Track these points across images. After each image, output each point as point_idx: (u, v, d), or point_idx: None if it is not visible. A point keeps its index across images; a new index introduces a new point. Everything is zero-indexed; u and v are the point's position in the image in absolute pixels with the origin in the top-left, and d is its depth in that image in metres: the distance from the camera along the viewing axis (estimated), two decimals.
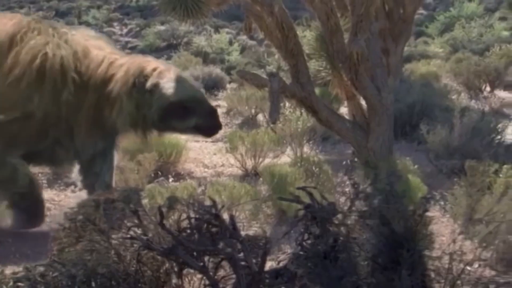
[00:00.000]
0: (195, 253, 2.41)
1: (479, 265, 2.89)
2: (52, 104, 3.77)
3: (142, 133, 3.95)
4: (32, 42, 3.80)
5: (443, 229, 3.29)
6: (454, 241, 2.84)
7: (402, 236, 2.74)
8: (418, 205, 2.91)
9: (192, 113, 3.81)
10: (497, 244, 3.14)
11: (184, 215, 2.54)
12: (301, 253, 2.66)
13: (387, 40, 9.42)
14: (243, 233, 2.77)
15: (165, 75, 3.83)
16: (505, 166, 3.44)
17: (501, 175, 3.38)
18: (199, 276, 2.48)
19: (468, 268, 2.79)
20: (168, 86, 3.76)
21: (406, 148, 6.42)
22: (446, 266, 2.73)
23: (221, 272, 2.47)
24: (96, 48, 4.02)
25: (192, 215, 2.53)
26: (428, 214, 2.97)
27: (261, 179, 4.67)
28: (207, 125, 3.92)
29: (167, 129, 3.97)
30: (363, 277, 2.58)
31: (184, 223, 2.51)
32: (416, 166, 4.58)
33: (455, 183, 3.53)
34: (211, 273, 2.38)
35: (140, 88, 3.74)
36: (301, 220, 2.81)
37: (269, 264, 2.69)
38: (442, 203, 3.74)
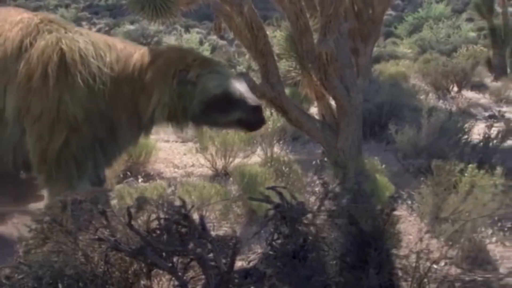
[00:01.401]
0: (164, 254, 2.40)
1: (445, 263, 2.93)
2: (88, 98, 3.51)
3: (179, 126, 3.74)
4: (43, 43, 3.56)
5: (410, 228, 3.33)
6: (421, 240, 2.87)
7: (370, 235, 2.77)
8: (385, 204, 2.95)
9: (235, 106, 3.56)
10: (462, 242, 3.19)
11: (153, 216, 2.53)
12: (271, 252, 2.67)
13: (357, 40, 9.52)
14: (213, 233, 2.77)
15: (207, 66, 3.64)
16: (470, 165, 3.50)
17: (466, 174, 3.44)
18: (168, 276, 2.47)
19: (435, 266, 2.82)
20: (211, 77, 3.55)
21: (375, 148, 6.48)
22: (413, 264, 2.76)
23: (191, 273, 2.46)
24: (119, 41, 3.82)
25: (162, 215, 2.52)
26: (396, 213, 3.00)
27: (231, 179, 4.67)
28: (251, 120, 3.64)
29: (207, 122, 3.75)
30: (332, 276, 2.60)
31: (154, 224, 2.51)
32: (384, 166, 4.62)
33: (422, 183, 3.57)
34: (180, 274, 2.37)
35: (182, 79, 3.53)
36: (271, 220, 2.82)
37: (240, 264, 2.70)
38: (409, 202, 3.79)
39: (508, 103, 10.69)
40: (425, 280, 2.75)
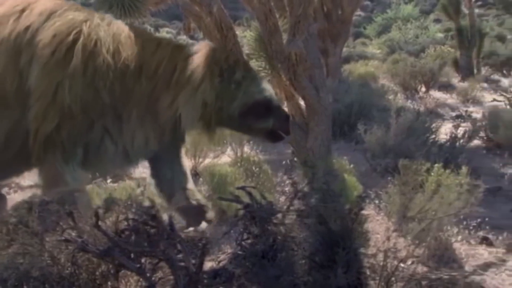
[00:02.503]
0: (132, 255, 2.39)
1: (412, 262, 2.97)
2: (87, 91, 3.31)
3: (210, 129, 3.48)
4: (70, 16, 3.36)
5: (377, 227, 3.36)
6: (388, 239, 2.91)
7: (339, 234, 2.79)
8: (353, 204, 2.97)
9: (271, 114, 3.45)
10: (429, 241, 3.23)
11: (122, 217, 2.51)
12: (240, 252, 2.68)
13: (326, 41, 9.58)
14: (182, 234, 2.76)
15: (251, 69, 3.49)
16: (436, 165, 3.55)
17: (432, 174, 3.49)
18: (136, 277, 2.45)
19: (402, 265, 2.86)
20: (255, 81, 3.42)
21: (345, 147, 6.53)
22: (381, 263, 2.79)
23: (159, 274, 2.45)
24: (144, 34, 3.62)
25: (131, 216, 2.50)
26: (364, 212, 3.03)
27: (201, 179, 4.66)
28: (282, 129, 3.52)
29: (240, 127, 3.55)
30: (300, 276, 2.61)
31: (122, 225, 2.49)
32: (352, 166, 4.66)
33: (389, 182, 3.61)
34: (148, 275, 2.36)
35: (227, 78, 3.35)
36: (240, 219, 2.82)
37: (210, 265, 2.70)
38: (376, 201, 3.82)
39: (474, 103, 10.87)
40: (393, 278, 2.78)
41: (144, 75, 3.37)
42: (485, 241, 3.75)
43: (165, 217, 2.54)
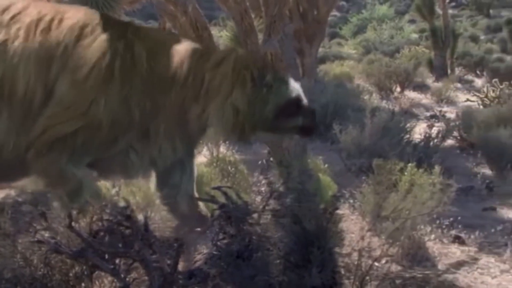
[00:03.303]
0: (106, 256, 2.37)
1: (387, 261, 3.00)
2: (121, 108, 3.28)
3: (244, 135, 3.44)
4: (103, 36, 3.32)
5: (352, 226, 3.38)
6: (362, 238, 2.93)
7: (313, 234, 2.81)
8: (328, 204, 2.99)
9: (300, 111, 3.44)
10: (402, 240, 3.26)
11: (97, 217, 2.50)
12: (215, 253, 2.68)
13: (302, 41, 9.62)
14: (157, 234, 2.75)
15: (278, 70, 3.48)
16: (409, 164, 3.58)
17: (406, 173, 3.52)
18: (111, 278, 2.44)
19: (376, 264, 2.88)
20: (285, 82, 3.41)
21: (320, 147, 6.55)
22: (355, 262, 2.82)
23: (133, 274, 2.44)
24: (177, 42, 3.53)
25: (105, 217, 2.49)
26: (338, 212, 3.05)
27: None
28: (310, 125, 3.52)
29: (271, 128, 3.52)
30: (275, 276, 2.62)
31: (97, 225, 2.48)
32: (327, 165, 4.68)
33: (364, 182, 3.63)
34: (122, 276, 2.35)
35: (259, 82, 3.32)
36: (216, 219, 2.83)
37: (186, 265, 2.69)
38: (351, 201, 3.83)
39: (448, 103, 11.00)
40: (367, 277, 2.80)
41: (174, 89, 3.34)
42: (458, 240, 3.79)
43: (140, 217, 2.54)
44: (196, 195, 3.71)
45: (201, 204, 3.66)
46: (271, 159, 4.92)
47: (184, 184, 3.67)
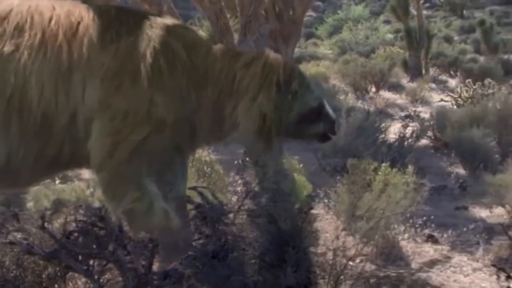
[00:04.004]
0: (80, 257, 2.36)
1: (361, 260, 3.01)
2: (179, 101, 3.20)
3: (270, 141, 3.36)
4: (132, 38, 3.19)
5: (327, 226, 3.39)
6: (337, 237, 2.95)
7: (289, 234, 2.81)
8: (303, 203, 3.00)
9: (321, 119, 3.35)
10: (377, 239, 3.28)
11: (71, 218, 2.48)
12: (191, 253, 2.68)
13: (278, 41, 9.61)
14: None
15: (304, 77, 3.46)
16: (384, 164, 3.61)
17: (380, 173, 3.54)
18: (84, 279, 2.42)
19: (351, 263, 2.90)
20: (309, 89, 3.35)
21: (296, 147, 6.55)
22: (330, 262, 2.83)
23: (107, 275, 2.43)
24: (202, 40, 3.47)
25: (80, 218, 2.47)
26: (313, 211, 3.07)
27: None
28: (330, 131, 3.40)
29: (293, 134, 3.45)
30: (250, 275, 2.63)
31: (71, 226, 2.46)
32: (302, 165, 4.69)
33: (338, 181, 3.65)
34: (96, 277, 2.33)
35: (285, 88, 3.27)
36: (192, 220, 2.82)
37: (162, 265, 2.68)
38: (326, 200, 3.85)
39: (423, 103, 11.09)
40: (342, 277, 2.81)
41: (210, 84, 3.29)
42: (431, 239, 3.83)
43: (114, 218, 2.52)
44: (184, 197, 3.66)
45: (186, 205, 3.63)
46: (247, 159, 4.93)
47: (177, 184, 3.61)
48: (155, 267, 2.57)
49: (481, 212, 4.69)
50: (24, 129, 3.07)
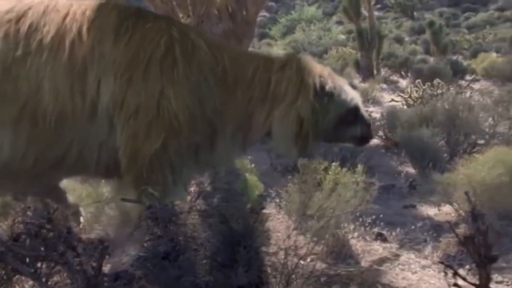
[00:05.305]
0: (27, 259, 2.32)
1: (312, 259, 3.05)
2: (193, 98, 3.00)
3: (306, 146, 3.23)
4: (149, 25, 3.00)
5: (278, 225, 3.41)
6: (289, 237, 2.97)
7: (240, 233, 2.82)
8: (255, 203, 3.02)
9: (359, 120, 3.33)
10: (327, 238, 3.32)
11: (19, 220, 2.44)
12: (141, 254, 2.66)
13: (231, 41, 9.63)
14: (84, 236, 2.71)
15: (337, 79, 3.32)
16: (333, 163, 3.66)
17: (330, 173, 3.59)
18: (32, 282, 2.39)
19: (302, 262, 2.93)
20: (344, 90, 3.28)
21: (250, 147, 6.57)
22: (282, 261, 2.85)
23: (56, 278, 2.39)
24: (225, 44, 3.35)
25: (28, 219, 2.43)
26: (265, 211, 3.09)
27: (103, 180, 4.56)
28: (367, 134, 3.39)
29: (331, 137, 3.38)
30: (202, 276, 2.62)
31: (19, 228, 2.42)
32: (253, 165, 4.71)
33: (289, 181, 3.68)
34: (44, 279, 2.30)
35: (320, 91, 3.17)
36: (143, 220, 2.80)
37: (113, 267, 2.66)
38: (277, 200, 3.87)
39: (374, 103, 11.26)
40: (293, 276, 2.84)
41: (240, 87, 3.15)
42: (380, 237, 3.90)
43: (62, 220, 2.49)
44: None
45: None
46: None
47: (183, 182, 3.49)
48: (106, 268, 2.55)
49: (429, 211, 4.79)
50: (35, 134, 2.92)
